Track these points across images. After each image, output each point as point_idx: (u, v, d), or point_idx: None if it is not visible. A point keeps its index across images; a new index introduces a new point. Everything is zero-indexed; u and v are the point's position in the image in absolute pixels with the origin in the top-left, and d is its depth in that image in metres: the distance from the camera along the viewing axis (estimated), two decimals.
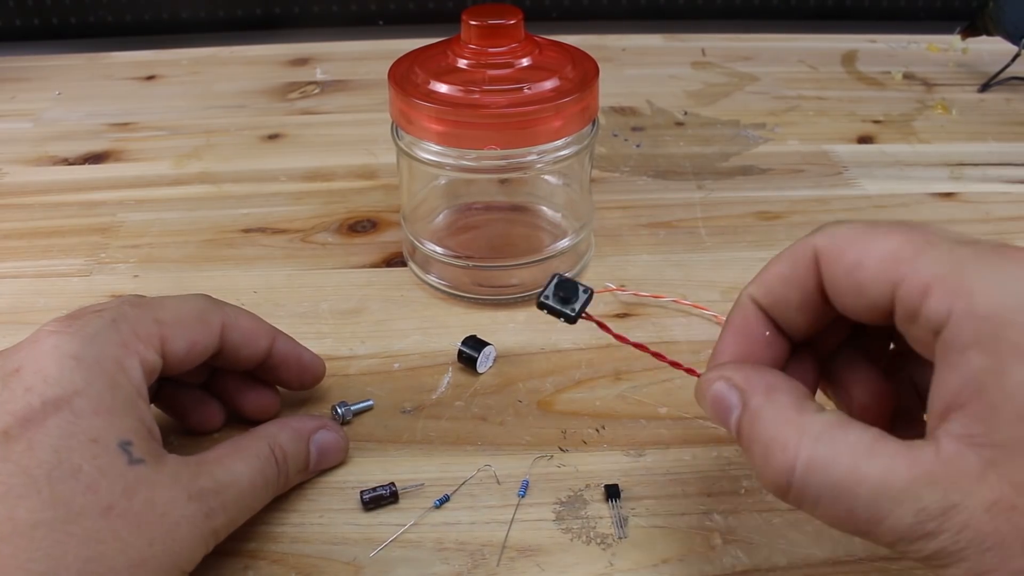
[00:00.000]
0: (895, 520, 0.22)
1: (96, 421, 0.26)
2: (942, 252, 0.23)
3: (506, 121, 0.39)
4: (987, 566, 0.21)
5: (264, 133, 0.62)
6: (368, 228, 0.51)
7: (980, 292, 0.22)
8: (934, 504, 0.21)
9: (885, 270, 0.24)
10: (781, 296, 0.27)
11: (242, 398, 0.36)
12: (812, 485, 0.23)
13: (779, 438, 0.24)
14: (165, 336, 0.30)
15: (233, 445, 0.30)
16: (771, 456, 0.24)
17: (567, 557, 0.31)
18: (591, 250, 0.47)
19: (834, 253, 0.25)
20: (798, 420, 0.24)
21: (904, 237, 0.24)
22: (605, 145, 0.60)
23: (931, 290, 0.22)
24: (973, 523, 0.21)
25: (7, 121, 0.65)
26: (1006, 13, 0.65)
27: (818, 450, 0.23)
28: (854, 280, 0.24)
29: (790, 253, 0.27)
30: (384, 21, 0.85)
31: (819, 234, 0.26)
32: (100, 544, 0.25)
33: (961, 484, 0.21)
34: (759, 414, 0.25)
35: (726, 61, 0.74)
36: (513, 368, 0.40)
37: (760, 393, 0.25)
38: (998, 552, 0.21)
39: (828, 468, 0.23)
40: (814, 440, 0.23)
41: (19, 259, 0.48)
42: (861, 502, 0.22)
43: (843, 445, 0.23)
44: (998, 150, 0.59)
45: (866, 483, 0.22)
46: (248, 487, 0.30)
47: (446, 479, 0.34)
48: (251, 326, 0.34)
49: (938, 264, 0.23)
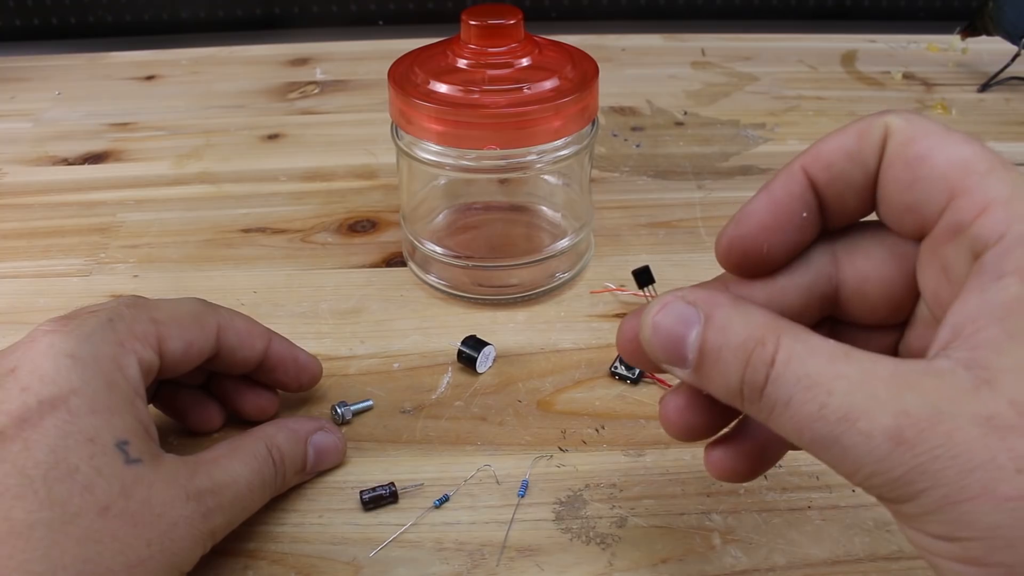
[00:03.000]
0: (870, 422, 0.19)
1: (93, 420, 0.26)
2: (1014, 176, 0.21)
3: (506, 121, 0.39)
4: (969, 492, 0.18)
5: (264, 133, 0.62)
6: (368, 228, 0.51)
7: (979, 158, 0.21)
8: (917, 408, 0.19)
9: (950, 173, 0.21)
10: (840, 173, 0.23)
11: (241, 399, 0.36)
12: (786, 381, 0.21)
13: (756, 335, 0.21)
14: (162, 335, 0.30)
15: (230, 446, 0.30)
16: (749, 354, 0.21)
17: (566, 557, 0.31)
18: (591, 250, 0.47)
19: (904, 137, 0.22)
20: (774, 323, 0.22)
21: (981, 150, 0.22)
22: (605, 145, 0.60)
23: (989, 209, 0.21)
24: (960, 436, 0.19)
25: (7, 121, 0.65)
26: (1006, 13, 0.65)
27: (796, 347, 0.21)
28: (913, 173, 0.22)
29: (857, 128, 0.23)
30: (384, 21, 0.85)
31: (893, 114, 0.23)
32: (97, 544, 0.25)
33: (950, 395, 0.19)
34: (729, 322, 0.22)
35: (726, 61, 0.74)
36: (513, 368, 0.40)
37: (726, 305, 0.22)
38: (985, 473, 0.18)
39: (805, 361, 0.21)
40: (792, 338, 0.21)
41: (19, 259, 0.48)
42: (835, 398, 0.20)
43: (822, 345, 0.21)
44: (998, 150, 0.59)
45: (845, 378, 0.20)
46: (245, 488, 0.30)
47: (446, 479, 0.34)
48: (246, 328, 0.34)
49: (1006, 186, 0.21)
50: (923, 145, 0.22)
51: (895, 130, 0.22)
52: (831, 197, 0.24)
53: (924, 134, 0.22)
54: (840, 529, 0.32)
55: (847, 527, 0.32)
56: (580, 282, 0.46)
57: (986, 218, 0.21)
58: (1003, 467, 0.18)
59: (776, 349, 0.21)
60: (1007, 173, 0.21)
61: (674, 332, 0.23)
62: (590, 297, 0.44)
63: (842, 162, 0.23)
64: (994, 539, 0.18)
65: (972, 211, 0.21)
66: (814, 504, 0.33)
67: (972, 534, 0.19)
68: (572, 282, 0.45)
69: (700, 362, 0.22)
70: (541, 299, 0.44)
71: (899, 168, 0.22)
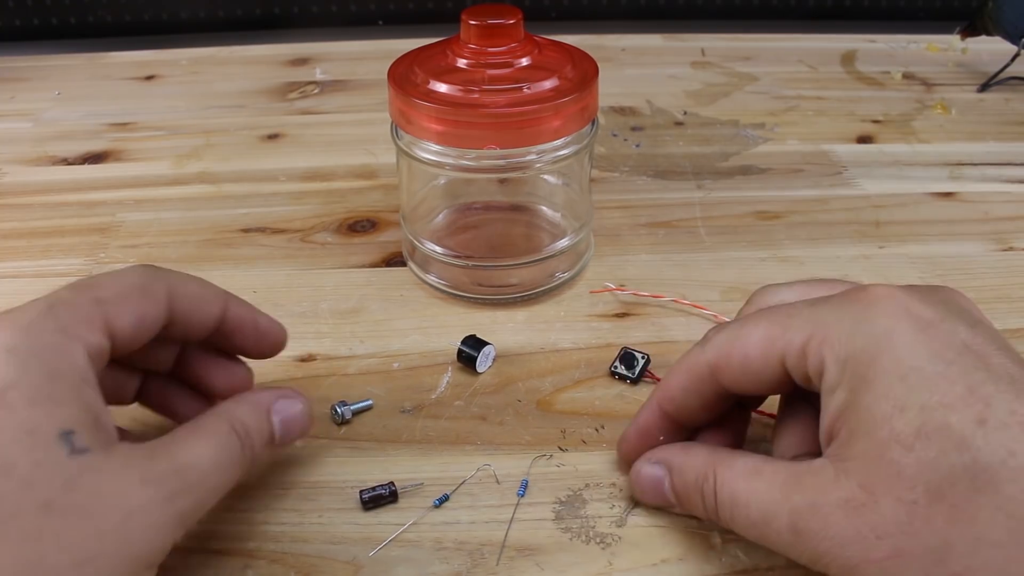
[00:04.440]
0: (778, 522, 0.26)
1: (32, 412, 0.25)
2: (803, 318, 0.27)
3: (506, 121, 0.39)
4: (852, 561, 0.24)
5: (264, 133, 0.62)
6: (368, 228, 0.51)
7: (837, 341, 0.26)
8: (801, 504, 0.25)
9: (768, 353, 0.28)
10: (683, 404, 0.31)
11: (211, 376, 0.34)
12: (725, 503, 0.28)
13: (702, 472, 0.29)
14: (109, 315, 0.28)
15: (190, 426, 0.29)
16: (701, 489, 0.29)
17: (566, 557, 0.31)
18: (591, 250, 0.47)
19: (723, 360, 0.29)
20: (710, 458, 0.29)
21: (769, 321, 0.28)
22: (605, 145, 0.60)
23: (806, 351, 0.27)
24: (832, 520, 0.25)
25: (7, 121, 0.65)
26: (1005, 13, 0.65)
27: (725, 475, 0.28)
28: (750, 372, 0.29)
29: (687, 368, 0.31)
30: (384, 21, 0.85)
31: (707, 348, 0.30)
32: (38, 543, 0.23)
33: (822, 488, 0.25)
34: (683, 468, 0.30)
35: (726, 61, 0.74)
36: (513, 368, 0.40)
37: (680, 455, 0.31)
38: (857, 545, 0.24)
39: (732, 486, 0.28)
40: (724, 468, 0.28)
41: (19, 259, 0.48)
42: (752, 510, 0.27)
43: (742, 467, 0.28)
44: (997, 150, 0.59)
45: (756, 492, 0.27)
46: (211, 466, 0.28)
47: (445, 479, 0.34)
48: (199, 292, 0.32)
49: (803, 329, 0.27)
50: (737, 354, 0.29)
51: (716, 362, 0.29)
52: (683, 419, 0.32)
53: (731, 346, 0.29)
54: None
55: None
56: (580, 282, 0.46)
57: (809, 360, 0.27)
58: (866, 537, 0.24)
59: (714, 481, 0.28)
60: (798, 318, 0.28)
61: (656, 490, 0.31)
62: (590, 297, 0.44)
63: (681, 397, 0.31)
64: None
65: (798, 361, 0.27)
66: None
67: None
68: (572, 282, 0.45)
69: (678, 500, 0.31)
70: (541, 299, 0.44)
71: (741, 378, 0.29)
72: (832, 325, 0.26)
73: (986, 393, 0.23)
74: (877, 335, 0.25)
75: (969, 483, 0.22)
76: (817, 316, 0.27)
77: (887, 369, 0.25)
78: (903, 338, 0.25)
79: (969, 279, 0.46)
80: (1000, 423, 0.23)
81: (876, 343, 0.25)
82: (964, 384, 0.24)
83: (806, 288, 0.31)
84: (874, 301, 0.26)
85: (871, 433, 0.24)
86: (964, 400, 0.23)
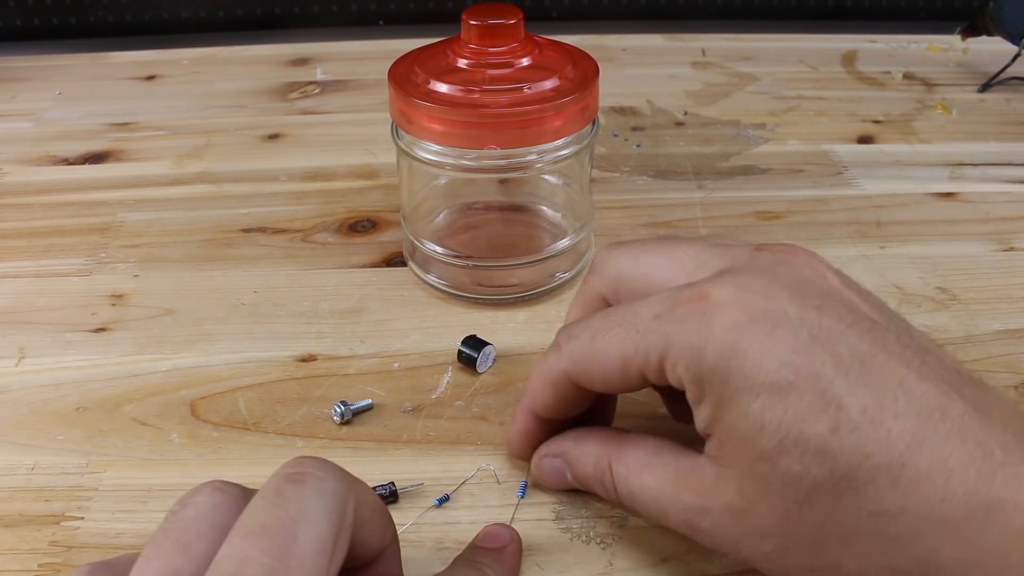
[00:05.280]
0: (675, 518, 0.28)
1: None
2: (652, 335, 0.27)
3: (506, 121, 0.39)
4: (745, 553, 0.26)
5: (264, 133, 0.62)
6: (368, 228, 0.51)
7: (689, 360, 0.26)
8: (691, 503, 0.27)
9: (627, 369, 0.28)
10: (554, 407, 0.32)
11: None
12: (624, 496, 0.29)
13: (599, 465, 0.30)
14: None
15: None
16: (601, 481, 0.30)
17: (567, 556, 0.31)
18: (591, 250, 0.47)
19: (583, 373, 0.30)
20: (604, 451, 0.30)
21: (620, 337, 0.28)
22: (605, 145, 0.60)
23: (663, 367, 0.27)
24: (719, 521, 0.26)
25: (7, 121, 0.65)
26: (1006, 13, 0.65)
27: (619, 469, 0.29)
28: (614, 383, 0.29)
29: (550, 381, 0.31)
30: (384, 21, 0.85)
31: (563, 358, 0.30)
32: None
33: (707, 491, 0.26)
34: (580, 461, 0.31)
35: (726, 61, 0.74)
36: (513, 368, 0.40)
37: (573, 448, 0.32)
38: (745, 544, 0.26)
39: (627, 480, 0.29)
40: (616, 462, 0.29)
41: (19, 259, 0.48)
42: (647, 505, 0.28)
43: (635, 460, 0.29)
44: (998, 150, 0.59)
45: (648, 488, 0.28)
46: None
47: (446, 479, 0.34)
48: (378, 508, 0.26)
49: (654, 347, 0.27)
50: (596, 369, 0.29)
51: (574, 373, 0.30)
52: (561, 414, 0.32)
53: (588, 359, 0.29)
54: None
55: None
56: (580, 282, 0.45)
57: (666, 374, 0.27)
58: (752, 536, 0.26)
59: (612, 476, 0.30)
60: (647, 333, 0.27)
61: (559, 480, 0.32)
62: None
63: (554, 405, 0.32)
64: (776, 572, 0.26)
65: (658, 374, 0.27)
66: None
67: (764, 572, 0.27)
68: (572, 282, 0.45)
69: (583, 487, 0.32)
70: (541, 299, 0.44)
71: (603, 387, 0.30)
72: (679, 342, 0.26)
73: (836, 395, 0.24)
74: (724, 352, 0.25)
75: (832, 490, 0.24)
76: (664, 331, 0.27)
77: (740, 387, 0.25)
78: (750, 351, 0.25)
79: (970, 279, 0.46)
80: (852, 426, 0.24)
81: (724, 361, 0.25)
82: (814, 391, 0.24)
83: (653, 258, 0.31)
84: (714, 309, 0.26)
85: (740, 447, 0.25)
86: (816, 408, 0.24)
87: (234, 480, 0.24)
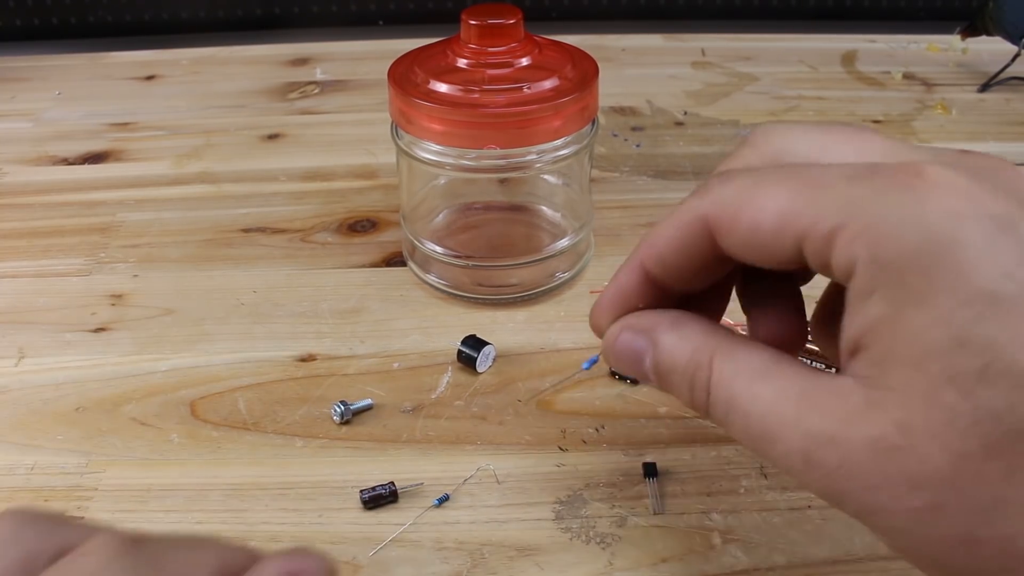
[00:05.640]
0: (785, 444, 0.22)
1: None
2: (837, 196, 0.21)
3: (506, 121, 0.39)
4: (874, 506, 0.21)
5: (264, 133, 0.62)
6: (368, 228, 0.51)
7: (880, 236, 0.20)
8: (818, 430, 0.21)
9: (784, 229, 0.22)
10: (673, 265, 0.25)
11: None
12: (718, 402, 0.23)
13: (695, 359, 0.24)
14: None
15: None
16: (692, 378, 0.24)
17: (566, 556, 0.31)
18: (591, 250, 0.47)
19: (726, 221, 0.23)
20: (709, 342, 0.24)
21: (793, 188, 0.22)
22: (605, 145, 0.60)
23: (834, 240, 0.21)
24: (854, 459, 0.20)
25: (7, 121, 0.65)
26: (1006, 13, 0.65)
27: (724, 369, 0.23)
28: (758, 244, 0.23)
29: (677, 221, 0.25)
30: (384, 21, 0.85)
31: (706, 199, 0.24)
32: None
33: (846, 416, 0.21)
34: (672, 347, 0.25)
35: (726, 61, 0.74)
36: (513, 368, 0.40)
37: (667, 330, 0.25)
38: (884, 492, 0.20)
39: (731, 384, 0.23)
40: (723, 359, 0.23)
41: (19, 259, 0.48)
42: (752, 420, 0.22)
43: (747, 363, 0.23)
44: (998, 150, 0.59)
45: (760, 399, 0.22)
46: None
47: (446, 478, 0.34)
48: None
49: (835, 211, 0.21)
50: (745, 219, 0.23)
51: (714, 218, 0.23)
52: (671, 283, 0.26)
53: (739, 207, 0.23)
54: (840, 528, 0.32)
55: (847, 526, 0.32)
56: (580, 282, 0.46)
57: (835, 252, 0.21)
58: (897, 484, 0.20)
59: (710, 373, 0.23)
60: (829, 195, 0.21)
61: (632, 361, 0.26)
62: (590, 297, 0.44)
63: (672, 256, 0.25)
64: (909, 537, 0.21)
65: (821, 250, 0.21)
66: (814, 503, 0.33)
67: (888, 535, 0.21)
68: (572, 282, 0.45)
69: (659, 382, 0.25)
70: (541, 299, 0.44)
71: (743, 248, 0.23)
72: (874, 213, 0.20)
73: None
74: (937, 237, 0.20)
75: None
76: (855, 196, 0.21)
77: (949, 286, 0.19)
78: (973, 246, 0.19)
79: None
80: None
81: (935, 247, 0.19)
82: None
83: (832, 139, 0.24)
84: (933, 188, 0.20)
85: (919, 364, 0.20)
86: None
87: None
